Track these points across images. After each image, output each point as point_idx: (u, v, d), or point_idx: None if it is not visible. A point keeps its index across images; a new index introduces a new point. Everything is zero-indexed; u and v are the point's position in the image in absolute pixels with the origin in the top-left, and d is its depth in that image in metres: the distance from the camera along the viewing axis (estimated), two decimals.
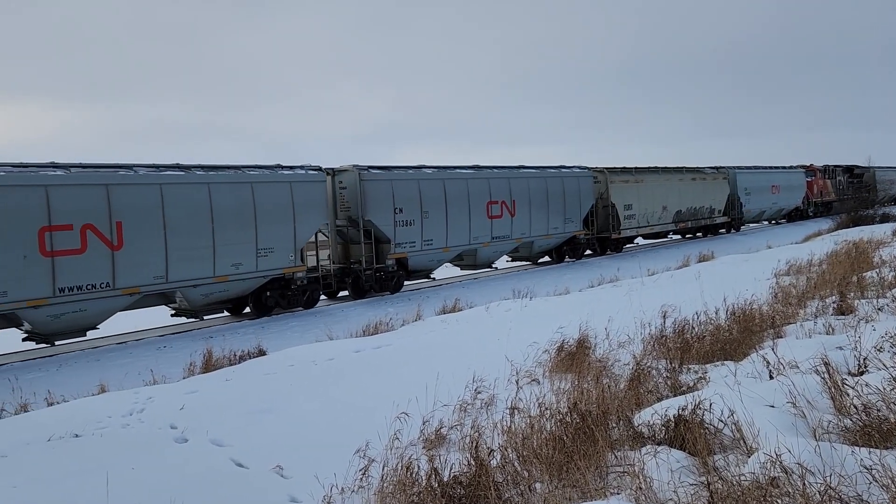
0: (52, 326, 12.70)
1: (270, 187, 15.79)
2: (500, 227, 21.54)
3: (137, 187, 13.65)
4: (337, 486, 4.86)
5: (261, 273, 15.55)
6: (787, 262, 15.19)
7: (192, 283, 14.36)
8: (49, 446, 6.03)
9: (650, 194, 28.17)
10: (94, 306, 13.05)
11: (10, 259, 11.88)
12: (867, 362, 5.42)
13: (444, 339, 10.26)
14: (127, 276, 13.33)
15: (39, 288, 12.23)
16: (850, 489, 3.33)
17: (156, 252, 13.72)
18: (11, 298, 11.92)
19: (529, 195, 22.57)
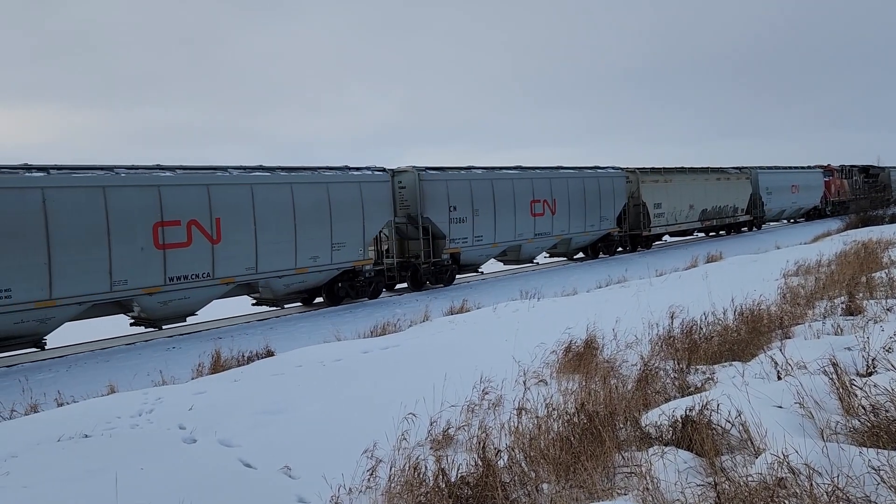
0: (160, 312, 14.18)
1: (343, 187, 17.32)
2: (542, 224, 23.04)
3: (233, 187, 15.14)
4: (345, 487, 4.88)
5: (334, 265, 17.13)
6: (796, 262, 15.12)
7: (276, 273, 15.88)
8: (59, 446, 6.08)
9: (678, 193, 29.45)
10: (196, 294, 14.60)
11: (129, 251, 13.35)
12: (876, 363, 5.40)
13: (451, 340, 10.27)
14: (224, 267, 14.86)
15: (153, 277, 13.73)
16: (857, 490, 3.32)
17: (247, 245, 15.23)
18: (131, 286, 13.42)
19: (568, 194, 24.01)
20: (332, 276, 17.24)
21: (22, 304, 12.09)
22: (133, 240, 13.41)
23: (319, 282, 17.16)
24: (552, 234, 23.48)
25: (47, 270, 12.33)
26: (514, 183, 22.12)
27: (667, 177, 29.25)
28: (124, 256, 13.26)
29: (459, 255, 20.36)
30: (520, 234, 22.17)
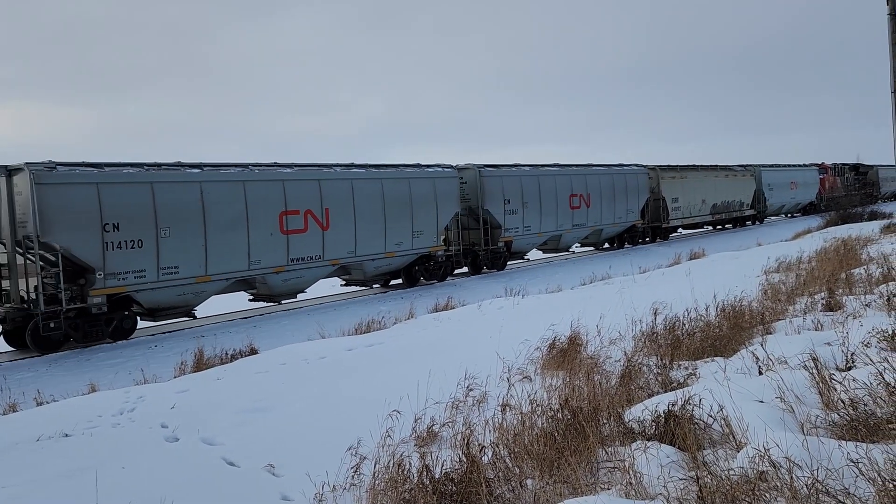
0: (280, 289, 16.61)
1: (421, 182, 19.98)
2: (579, 216, 25.81)
3: (338, 182, 17.76)
4: (329, 484, 4.86)
5: (414, 251, 19.78)
6: (777, 259, 15.28)
7: (370, 257, 18.55)
8: (38, 446, 6.00)
9: (692, 189, 32.21)
10: (309, 274, 17.21)
11: (262, 236, 15.84)
12: (854, 358, 5.47)
13: (436, 338, 10.27)
14: (331, 250, 17.52)
15: (279, 258, 16.26)
16: (836, 482, 3.36)
17: (349, 232, 17.88)
18: (263, 265, 15.95)
19: (601, 189, 26.68)
20: (411, 259, 19.88)
21: (186, 279, 14.63)
22: (264, 226, 15.93)
23: (401, 265, 19.81)
24: (587, 224, 26.25)
25: (204, 251, 14.82)
26: (556, 179, 24.87)
27: (682, 173, 31.79)
28: (258, 240, 15.79)
29: (512, 242, 23.09)
30: (560, 224, 24.92)
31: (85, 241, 13.13)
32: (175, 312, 14.92)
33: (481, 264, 22.53)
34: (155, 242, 14.03)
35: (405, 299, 17.06)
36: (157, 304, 14.45)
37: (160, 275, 14.14)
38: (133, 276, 13.77)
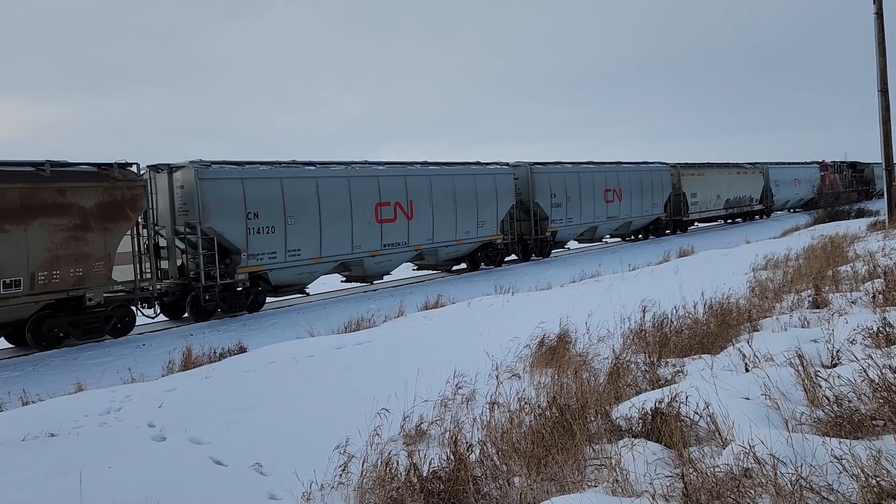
0: (373, 270, 19.37)
1: (484, 178, 22.58)
2: (612, 209, 28.31)
3: (419, 177, 20.37)
4: (317, 483, 4.85)
5: (479, 239, 22.44)
6: (765, 256, 15.37)
7: (444, 244, 21.16)
8: (23, 446, 5.95)
9: (709, 185, 34.82)
10: (396, 258, 19.91)
11: (361, 224, 18.45)
12: (840, 355, 5.51)
13: (425, 335, 10.26)
14: (414, 237, 20.09)
15: (375, 243, 18.90)
16: (820, 479, 3.38)
17: (428, 222, 20.44)
18: (363, 250, 18.56)
19: (630, 185, 29.28)
20: (476, 246, 22.60)
21: (305, 260, 17.13)
22: (364, 216, 18.53)
23: (467, 251, 22.50)
24: (619, 217, 28.78)
25: (319, 236, 17.33)
26: (594, 175, 27.42)
27: (700, 171, 34.42)
28: (359, 228, 18.38)
29: (556, 233, 25.68)
30: (597, 216, 27.50)
31: (234, 227, 15.70)
32: (292, 289, 17.45)
33: (530, 252, 25.05)
34: (283, 229, 16.58)
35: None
36: (282, 282, 16.93)
37: (287, 256, 16.72)
38: (267, 258, 16.28)
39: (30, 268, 12.34)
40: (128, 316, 14.34)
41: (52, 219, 12.64)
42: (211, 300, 15.47)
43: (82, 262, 13.02)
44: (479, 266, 23.02)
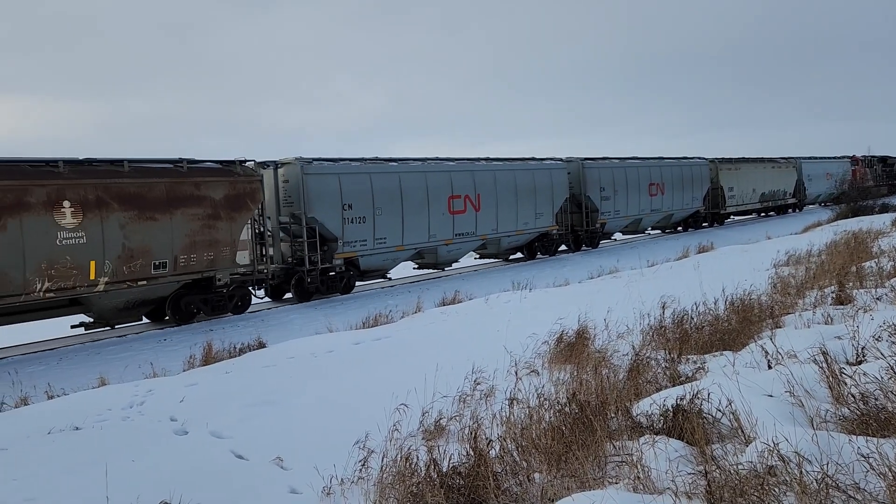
0: (444, 258, 20.99)
1: (541, 173, 23.98)
2: (656, 202, 29.57)
3: (485, 172, 21.86)
4: (336, 478, 4.88)
5: (536, 229, 23.83)
6: (787, 252, 15.19)
7: (506, 234, 22.61)
8: (49, 439, 6.04)
9: (745, 179, 35.91)
10: (465, 247, 21.52)
11: (437, 215, 19.94)
12: (865, 352, 5.42)
13: (443, 331, 10.27)
14: (481, 227, 21.59)
15: (447, 233, 20.41)
16: (847, 477, 3.33)
17: (493, 213, 21.88)
18: (438, 239, 20.09)
19: (672, 179, 30.44)
20: (533, 237, 23.97)
21: (390, 248, 18.77)
22: (438, 208, 20.01)
23: (526, 241, 23.82)
24: (662, 210, 30.08)
25: (401, 226, 18.88)
26: (639, 170, 28.69)
27: (737, 165, 35.49)
28: (434, 218, 19.86)
29: (605, 224, 26.93)
30: (642, 209, 28.72)
31: (332, 217, 17.39)
32: (377, 274, 19.27)
33: (581, 242, 26.47)
34: (372, 219, 18.23)
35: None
36: (369, 267, 18.64)
37: (375, 244, 18.38)
38: (359, 245, 17.98)
39: (174, 251, 14.09)
40: (246, 295, 16.03)
41: (190, 209, 14.36)
42: (312, 282, 17.17)
43: (213, 247, 14.77)
44: (536, 255, 24.48)
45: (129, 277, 13.36)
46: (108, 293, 13.21)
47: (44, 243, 12.16)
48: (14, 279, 11.83)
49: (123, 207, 13.27)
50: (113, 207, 13.13)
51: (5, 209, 11.77)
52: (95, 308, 13.57)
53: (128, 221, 13.31)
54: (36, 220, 12.08)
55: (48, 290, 12.25)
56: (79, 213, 12.62)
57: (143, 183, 13.71)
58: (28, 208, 12.02)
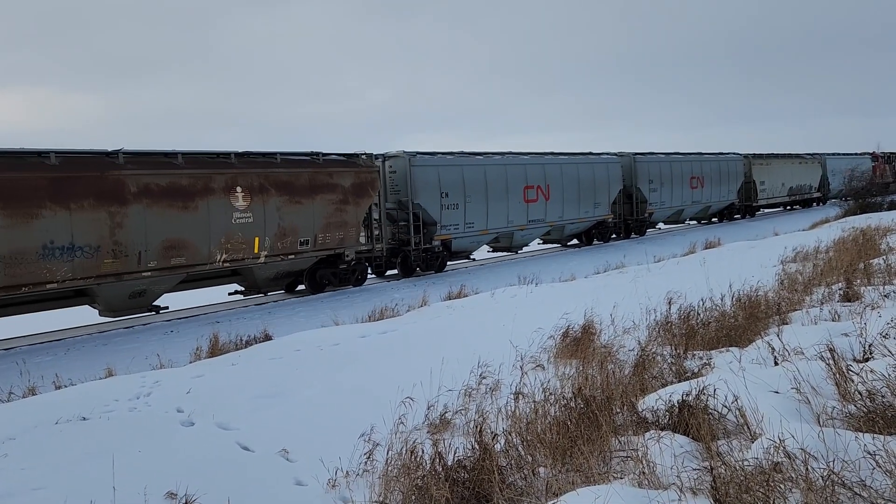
0: (518, 242, 23.46)
1: (600, 166, 26.21)
2: (696, 195, 31.98)
3: (553, 165, 24.24)
4: (342, 470, 4.89)
5: (595, 217, 26.12)
6: (794, 248, 15.12)
7: (570, 221, 24.99)
8: (56, 429, 6.08)
9: (775, 174, 38.31)
10: (535, 232, 24.01)
11: (514, 203, 22.37)
12: (872, 349, 5.40)
13: (449, 325, 10.28)
14: (549, 215, 23.95)
15: (522, 219, 22.88)
16: (853, 474, 3.33)
17: (559, 202, 24.19)
18: (514, 224, 22.50)
19: (710, 173, 32.89)
20: (591, 224, 26.34)
21: (476, 232, 21.31)
22: (515, 196, 22.44)
23: (586, 228, 26.31)
24: (702, 202, 32.46)
25: (486, 212, 21.41)
26: (682, 164, 31.06)
27: (767, 160, 37.79)
28: (512, 206, 22.28)
29: (653, 214, 29.51)
30: (684, 201, 31.16)
31: (433, 203, 19.91)
32: (463, 255, 21.89)
33: (630, 230, 28.71)
34: (463, 206, 20.73)
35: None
36: (459, 249, 21.21)
37: (465, 228, 20.90)
38: (453, 228, 20.51)
39: (314, 230, 16.63)
40: (364, 270, 18.57)
41: (326, 195, 16.86)
42: (416, 261, 19.74)
43: (343, 228, 17.25)
44: (592, 242, 26.91)
45: (282, 252, 15.91)
46: (266, 265, 15.75)
47: (223, 222, 14.67)
48: (202, 251, 14.36)
49: (279, 193, 15.75)
50: (271, 193, 15.64)
51: (197, 193, 14.25)
52: (255, 277, 15.98)
53: (282, 205, 15.78)
54: (218, 203, 14.58)
55: (225, 260, 14.81)
56: (248, 197, 15.16)
57: (292, 172, 16.21)
58: (212, 193, 14.52)
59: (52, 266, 12.20)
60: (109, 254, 12.96)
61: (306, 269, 17.06)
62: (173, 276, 14.18)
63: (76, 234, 12.46)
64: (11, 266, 11.71)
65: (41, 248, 12.04)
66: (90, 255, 12.68)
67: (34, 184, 12.06)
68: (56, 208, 12.23)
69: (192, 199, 14.16)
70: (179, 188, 14.00)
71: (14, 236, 11.74)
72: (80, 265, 12.56)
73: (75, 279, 12.56)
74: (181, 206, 13.99)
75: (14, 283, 11.79)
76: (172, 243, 13.87)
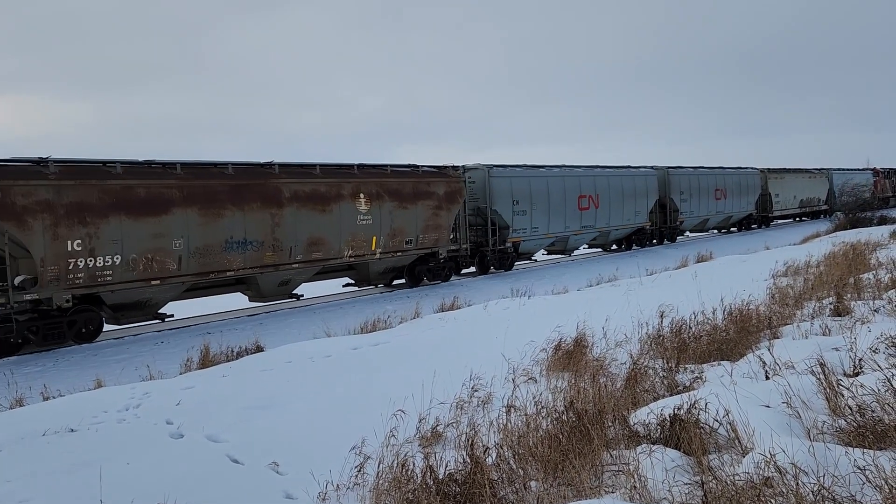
0: (572, 245, 26.27)
1: (639, 178, 29.09)
2: (720, 206, 35.09)
3: (602, 177, 26.98)
4: (332, 483, 4.86)
5: (635, 224, 28.97)
6: (785, 262, 15.20)
7: (614, 227, 27.70)
8: (44, 441, 6.02)
9: (788, 187, 41.49)
10: (585, 237, 26.63)
11: (570, 211, 25.10)
12: (862, 363, 5.43)
13: (441, 338, 10.26)
14: (599, 221, 26.67)
15: (576, 225, 25.59)
16: (843, 489, 3.33)
17: (606, 210, 26.91)
18: (570, 230, 25.21)
19: (732, 186, 35.85)
20: (632, 231, 29.09)
21: (540, 235, 24.07)
22: (571, 205, 25.22)
23: (627, 234, 29.09)
24: (725, 212, 35.51)
25: (548, 218, 24.04)
26: (708, 177, 34.12)
27: (781, 175, 40.83)
28: (568, 213, 25.01)
29: (683, 222, 32.39)
30: (710, 210, 34.11)
31: (506, 210, 22.57)
32: (527, 256, 24.58)
33: (664, 237, 31.68)
34: (530, 212, 23.35)
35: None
36: (525, 250, 23.88)
37: (531, 232, 23.51)
38: (521, 232, 23.12)
39: (416, 231, 19.31)
40: (452, 268, 21.12)
41: (425, 201, 19.56)
42: (491, 259, 22.54)
43: (437, 230, 19.94)
44: (632, 247, 29.56)
45: (392, 249, 18.68)
46: (380, 260, 18.44)
47: (350, 223, 17.40)
48: (334, 247, 17.09)
49: (390, 199, 18.54)
50: (385, 199, 18.40)
51: (332, 199, 17.06)
52: (369, 271, 18.51)
53: (393, 209, 18.53)
54: (346, 207, 17.35)
55: (350, 255, 17.54)
56: (368, 202, 17.92)
57: (400, 181, 19.04)
58: (342, 198, 17.34)
59: (231, 257, 14.99)
60: (270, 248, 15.69)
61: (407, 265, 19.73)
62: (312, 267, 16.88)
63: (248, 231, 15.29)
64: (204, 256, 14.47)
65: (224, 242, 14.82)
66: (257, 249, 15.48)
67: (219, 190, 14.84)
68: (234, 210, 15.01)
69: (328, 204, 16.96)
70: (318, 194, 16.81)
71: (206, 232, 14.50)
72: (250, 257, 15.35)
73: (245, 268, 15.35)
74: (320, 209, 16.76)
75: (204, 270, 14.58)
76: (313, 240, 16.57)
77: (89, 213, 12.99)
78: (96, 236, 13.04)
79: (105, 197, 13.25)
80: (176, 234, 14.02)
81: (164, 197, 13.97)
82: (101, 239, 13.10)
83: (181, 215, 14.12)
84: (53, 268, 12.51)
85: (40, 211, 12.41)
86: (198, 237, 14.33)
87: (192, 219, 14.27)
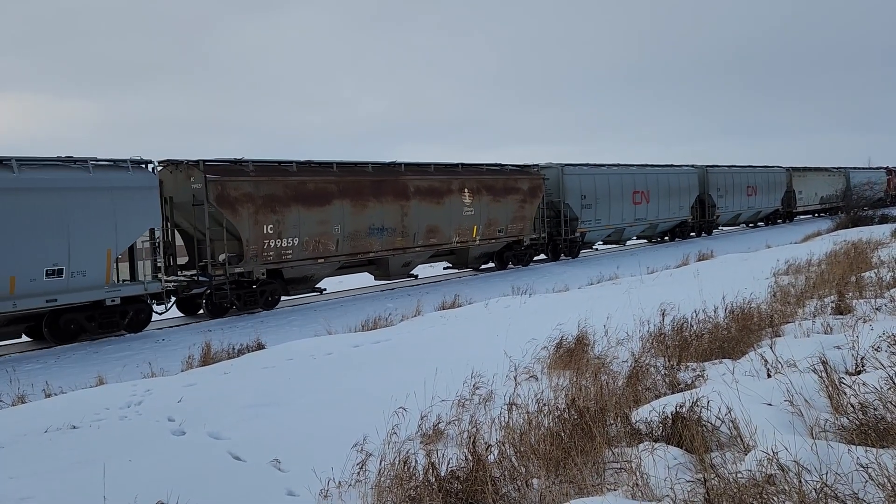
0: (626, 236, 29.65)
1: (682, 176, 32.28)
2: (751, 201, 38.17)
3: (652, 175, 30.16)
4: (334, 480, 4.87)
5: (679, 218, 32.19)
6: (786, 261, 15.19)
7: (662, 220, 31.01)
8: (46, 438, 6.03)
9: (810, 184, 44.41)
10: (637, 229, 30.07)
11: (626, 205, 28.20)
12: (864, 362, 5.43)
13: (442, 335, 10.26)
14: (649, 215, 29.72)
15: (630, 217, 28.76)
16: (846, 487, 3.33)
17: (656, 205, 29.99)
18: (625, 222, 28.41)
19: (761, 183, 38.94)
20: (676, 224, 32.43)
21: (601, 226, 27.14)
22: (627, 199, 28.32)
23: (672, 227, 32.44)
24: (755, 208, 38.74)
25: (608, 212, 27.13)
26: (741, 175, 37.14)
27: (804, 173, 43.68)
28: (624, 207, 28.16)
29: (719, 217, 35.42)
30: (742, 206, 37.24)
31: (576, 203, 25.72)
32: (589, 245, 27.95)
33: (702, 230, 34.56)
34: (594, 206, 26.39)
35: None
36: (589, 240, 27.17)
37: (594, 223, 26.55)
38: (586, 224, 26.14)
39: (507, 222, 22.58)
40: (533, 255, 24.38)
41: (513, 196, 22.82)
42: (562, 248, 25.68)
43: (522, 221, 23.22)
44: (675, 238, 32.70)
45: (487, 237, 21.98)
46: (479, 246, 21.89)
47: (457, 214, 20.79)
48: (446, 234, 20.48)
49: (487, 193, 21.73)
50: (483, 193, 21.64)
51: (444, 193, 20.39)
52: (468, 256, 22.05)
53: (489, 202, 21.75)
54: (454, 200, 20.72)
55: (457, 241, 20.93)
56: (471, 196, 21.23)
57: (494, 178, 22.34)
58: (451, 193, 20.69)
59: (372, 241, 18.30)
60: (399, 234, 19.03)
61: (497, 251, 23.04)
62: (428, 251, 20.20)
63: (385, 219, 18.60)
64: (353, 240, 17.78)
65: (368, 228, 18.15)
66: (390, 234, 18.75)
67: (364, 185, 18.25)
68: (375, 202, 18.36)
69: (441, 197, 20.25)
70: (434, 189, 20.11)
71: (355, 220, 17.83)
72: (385, 241, 18.67)
73: (382, 251, 18.68)
74: (435, 202, 20.04)
75: (354, 252, 17.93)
76: (430, 228, 19.92)
77: (277, 203, 16.20)
78: (282, 222, 16.26)
79: (287, 190, 16.48)
80: (335, 221, 17.35)
81: (326, 191, 17.30)
82: (286, 224, 16.33)
83: (339, 206, 17.47)
84: (254, 247, 15.76)
85: (246, 201, 15.68)
86: (350, 224, 17.64)
87: (346, 209, 17.61)
